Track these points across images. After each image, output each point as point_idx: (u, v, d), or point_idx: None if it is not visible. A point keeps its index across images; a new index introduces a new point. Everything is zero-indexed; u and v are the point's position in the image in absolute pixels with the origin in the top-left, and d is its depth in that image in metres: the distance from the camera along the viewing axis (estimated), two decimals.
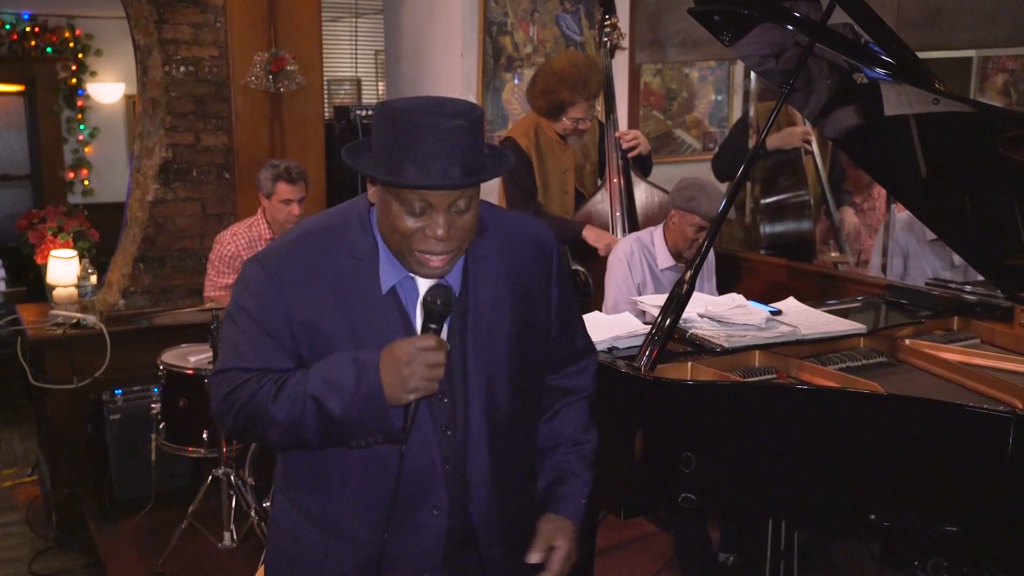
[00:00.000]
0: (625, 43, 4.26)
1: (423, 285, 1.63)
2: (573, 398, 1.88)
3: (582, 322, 1.92)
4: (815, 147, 4.48)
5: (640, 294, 3.38)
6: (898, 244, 4.14)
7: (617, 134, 3.97)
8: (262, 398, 1.59)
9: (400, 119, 1.51)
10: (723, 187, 4.31)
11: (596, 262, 3.75)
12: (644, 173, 4.16)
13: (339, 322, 1.61)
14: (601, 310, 3.43)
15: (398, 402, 1.54)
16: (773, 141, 4.34)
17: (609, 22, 4.07)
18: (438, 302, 1.55)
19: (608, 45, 4.08)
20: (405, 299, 1.64)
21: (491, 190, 4.14)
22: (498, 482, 1.70)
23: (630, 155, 3.98)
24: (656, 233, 3.51)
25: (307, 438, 1.60)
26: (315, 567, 1.71)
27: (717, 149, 5.50)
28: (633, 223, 3.94)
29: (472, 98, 4.73)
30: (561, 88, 3.79)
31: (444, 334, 1.60)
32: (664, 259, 3.46)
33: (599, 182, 4.06)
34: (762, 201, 4.50)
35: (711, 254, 3.62)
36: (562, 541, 1.76)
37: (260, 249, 4.08)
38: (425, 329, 1.56)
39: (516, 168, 3.86)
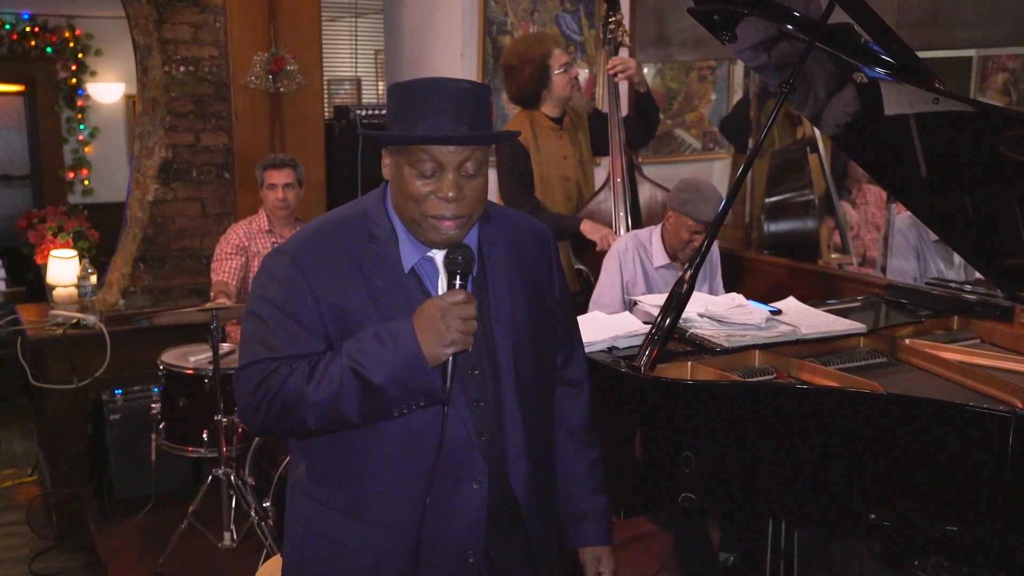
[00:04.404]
0: (628, 40, 4.25)
1: (442, 263, 1.67)
2: (574, 392, 1.94)
3: (575, 313, 2.00)
4: (821, 146, 4.47)
5: (630, 292, 3.39)
6: (909, 244, 4.15)
7: (609, 64, 3.98)
8: (296, 381, 1.59)
9: (412, 85, 1.63)
10: (722, 188, 4.30)
11: (599, 261, 3.75)
12: (648, 120, 4.08)
13: (364, 303, 1.64)
14: None
15: (437, 359, 1.56)
16: None
17: (614, 19, 4.06)
18: (459, 258, 1.59)
19: (613, 43, 4.07)
20: (426, 278, 1.69)
21: (490, 193, 4.13)
22: (534, 455, 1.74)
23: (616, 79, 3.97)
24: (655, 232, 3.51)
25: (347, 415, 1.59)
26: (352, 562, 1.69)
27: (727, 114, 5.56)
28: (636, 221, 3.94)
29: None
30: (529, 50, 3.86)
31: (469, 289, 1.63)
32: (660, 258, 3.46)
33: (601, 162, 4.06)
34: (766, 200, 4.49)
35: (715, 252, 3.63)
36: (607, 566, 1.91)
37: (258, 239, 4.24)
38: (451, 286, 1.60)
39: (514, 163, 3.87)
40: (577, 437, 1.92)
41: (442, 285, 1.67)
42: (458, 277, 1.59)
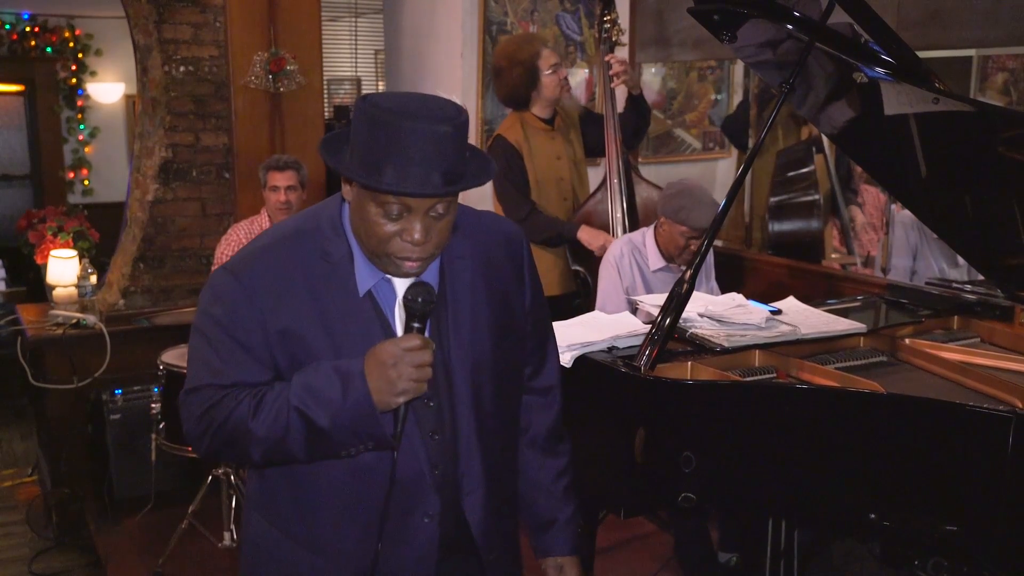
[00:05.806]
0: (624, 39, 4.25)
1: (400, 286, 1.59)
2: (544, 401, 1.87)
3: (550, 318, 1.90)
4: (826, 146, 4.46)
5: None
6: (908, 242, 4.15)
7: (607, 58, 3.97)
8: (241, 415, 1.52)
9: (382, 119, 1.45)
10: (724, 188, 4.30)
11: (596, 262, 3.75)
12: (639, 123, 4.07)
13: (316, 328, 1.55)
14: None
15: (387, 407, 1.48)
16: None
17: (608, 18, 4.06)
18: (419, 300, 1.49)
19: (608, 42, 4.07)
20: (382, 301, 1.60)
21: (484, 194, 4.13)
22: (491, 484, 1.68)
23: (612, 84, 3.96)
24: (648, 234, 3.48)
25: (293, 452, 1.53)
26: None
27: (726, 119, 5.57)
28: (634, 222, 3.93)
29: (472, 98, 4.74)
30: (517, 52, 3.86)
31: (427, 332, 1.55)
32: (655, 261, 3.43)
33: (601, 163, 4.05)
34: (771, 200, 4.49)
35: (710, 254, 3.61)
36: (569, 575, 1.86)
37: None
38: (408, 329, 1.50)
39: (509, 166, 3.86)
40: (541, 447, 1.85)
41: (399, 320, 1.58)
42: (416, 319, 1.50)
